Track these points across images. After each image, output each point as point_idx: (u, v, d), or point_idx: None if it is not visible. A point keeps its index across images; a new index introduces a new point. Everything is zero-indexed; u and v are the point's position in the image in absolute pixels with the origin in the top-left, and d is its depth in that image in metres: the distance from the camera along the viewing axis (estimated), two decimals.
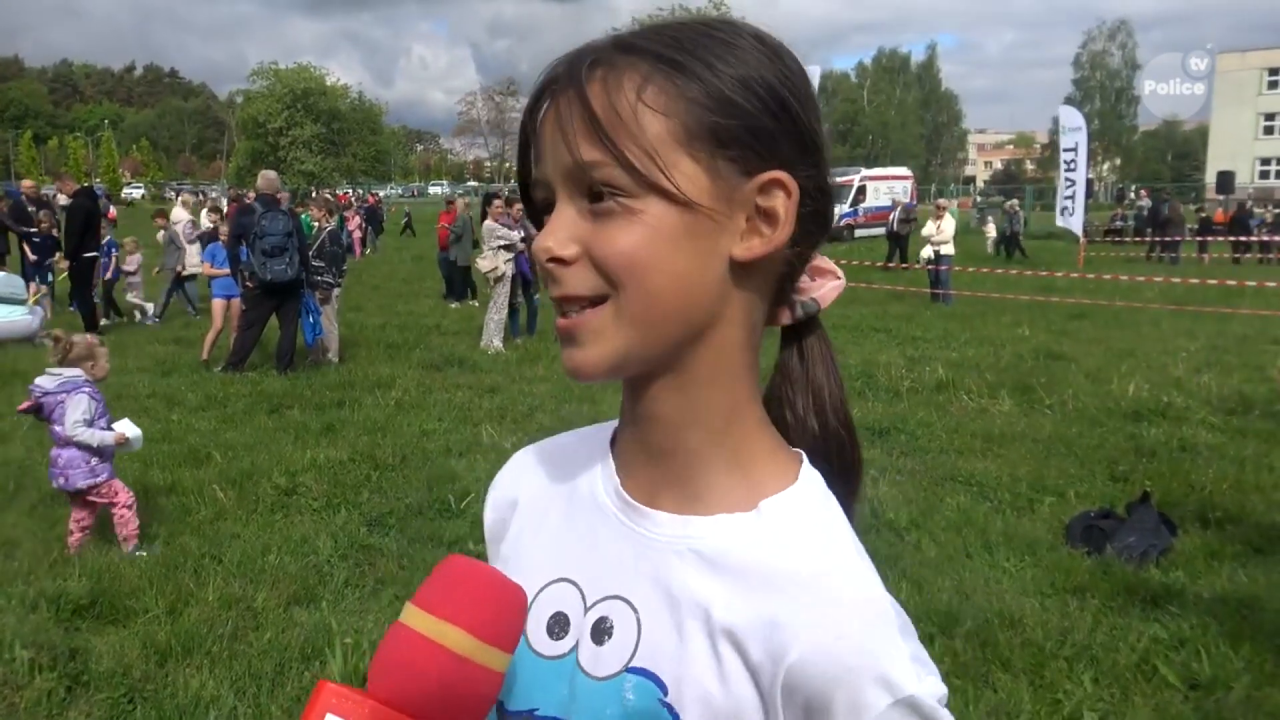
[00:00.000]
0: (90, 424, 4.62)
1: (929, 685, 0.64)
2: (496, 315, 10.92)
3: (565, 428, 0.86)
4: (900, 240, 20.69)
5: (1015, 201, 29.41)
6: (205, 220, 14.88)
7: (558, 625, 0.75)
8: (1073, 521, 5.06)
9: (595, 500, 0.77)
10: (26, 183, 17.51)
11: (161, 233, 14.42)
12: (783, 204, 0.68)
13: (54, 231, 13.13)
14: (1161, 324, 12.64)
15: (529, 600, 0.75)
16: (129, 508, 4.78)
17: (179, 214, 14.71)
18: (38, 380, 4.71)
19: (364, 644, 3.73)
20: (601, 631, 0.73)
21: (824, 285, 0.76)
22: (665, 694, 0.68)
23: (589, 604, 0.74)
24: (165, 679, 3.54)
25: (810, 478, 0.73)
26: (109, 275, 12.88)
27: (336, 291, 10.13)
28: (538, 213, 0.73)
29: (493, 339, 10.81)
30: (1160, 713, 3.35)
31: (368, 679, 0.66)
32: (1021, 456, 6.38)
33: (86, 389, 4.68)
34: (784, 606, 0.66)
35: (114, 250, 13.17)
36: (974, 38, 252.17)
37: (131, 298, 13.35)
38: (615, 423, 0.82)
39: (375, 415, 7.61)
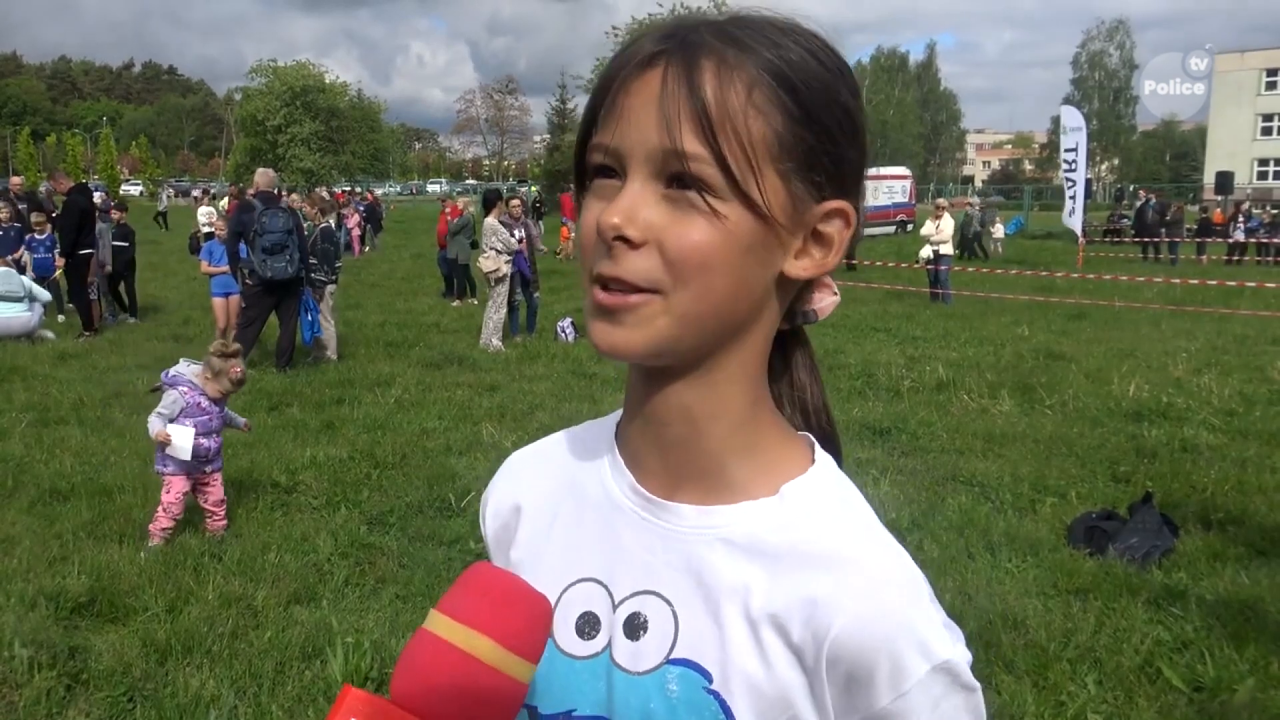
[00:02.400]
0: (168, 420, 4.76)
1: (960, 650, 0.68)
2: (496, 314, 10.90)
3: (565, 427, 0.85)
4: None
5: (976, 201, 29.08)
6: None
7: (587, 625, 0.75)
8: (1075, 522, 5.05)
9: (609, 498, 0.77)
10: (14, 180, 17.45)
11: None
12: (839, 231, 0.71)
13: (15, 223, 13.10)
14: (1161, 324, 12.64)
15: (553, 603, 0.75)
16: (164, 510, 4.83)
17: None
18: (169, 368, 4.94)
19: (365, 643, 3.72)
20: (635, 627, 0.73)
21: (824, 299, 0.78)
22: (710, 682, 0.70)
23: (618, 601, 0.74)
24: (165, 678, 3.53)
25: (824, 460, 0.76)
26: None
27: (331, 289, 10.11)
28: (585, 174, 0.71)
29: (491, 338, 10.79)
30: (1164, 715, 3.34)
31: (391, 685, 0.64)
32: (1023, 457, 6.37)
33: (183, 388, 4.81)
34: (822, 585, 0.69)
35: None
36: (973, 37, 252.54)
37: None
38: (609, 419, 0.82)
39: (375, 413, 7.59)
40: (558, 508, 0.81)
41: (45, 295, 11.45)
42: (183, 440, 4.76)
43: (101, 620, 4.02)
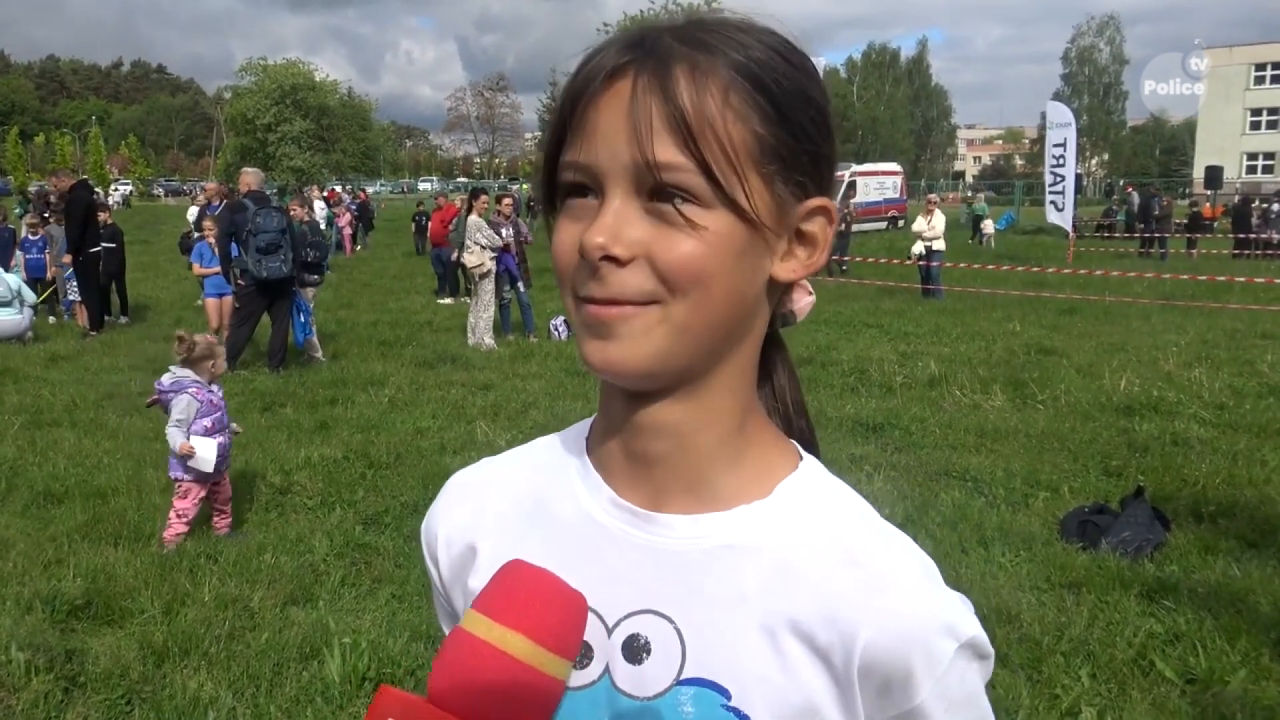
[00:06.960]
0: (187, 425, 4.73)
1: (977, 624, 0.69)
2: (485, 313, 10.88)
3: (559, 425, 0.83)
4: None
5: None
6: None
7: (580, 653, 0.72)
8: (1067, 516, 5.07)
9: (586, 517, 0.74)
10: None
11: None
12: (822, 229, 0.70)
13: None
14: (1151, 319, 12.68)
15: None
16: (178, 516, 4.81)
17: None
18: (160, 378, 4.89)
19: (362, 643, 3.72)
20: (636, 650, 0.70)
21: (801, 299, 0.77)
22: (729, 699, 0.67)
23: (611, 625, 0.71)
24: (163, 680, 3.53)
25: (809, 459, 0.75)
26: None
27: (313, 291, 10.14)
28: (555, 194, 0.69)
29: (483, 338, 10.78)
30: (1158, 707, 3.37)
31: (428, 684, 0.64)
32: (1015, 451, 6.40)
33: (192, 389, 4.79)
34: (838, 584, 0.68)
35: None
36: (963, 33, 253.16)
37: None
38: (571, 432, 0.80)
39: (369, 413, 7.59)
40: (525, 531, 0.76)
41: (31, 297, 11.40)
42: (207, 452, 4.74)
43: (98, 623, 4.02)
